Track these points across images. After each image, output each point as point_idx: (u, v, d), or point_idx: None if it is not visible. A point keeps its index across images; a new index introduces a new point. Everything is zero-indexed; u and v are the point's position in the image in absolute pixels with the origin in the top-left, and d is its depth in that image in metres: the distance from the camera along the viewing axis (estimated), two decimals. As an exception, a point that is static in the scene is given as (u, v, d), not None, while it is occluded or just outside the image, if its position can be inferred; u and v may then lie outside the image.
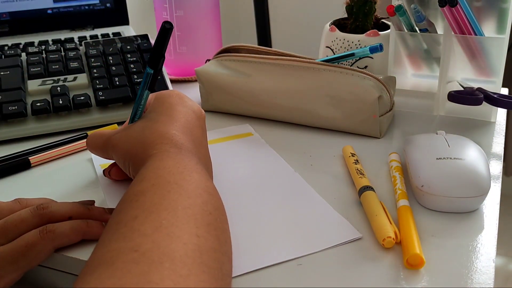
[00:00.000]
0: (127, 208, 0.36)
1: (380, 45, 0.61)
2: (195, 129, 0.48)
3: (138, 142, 0.45)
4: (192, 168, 0.40)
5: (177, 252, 0.31)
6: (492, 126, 0.63)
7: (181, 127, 0.46)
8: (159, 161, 0.41)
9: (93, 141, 0.51)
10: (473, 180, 0.47)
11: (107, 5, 0.90)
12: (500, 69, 0.62)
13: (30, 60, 0.71)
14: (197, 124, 0.49)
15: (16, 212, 0.44)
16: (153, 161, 0.41)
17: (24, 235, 0.41)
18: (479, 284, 0.39)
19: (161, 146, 0.43)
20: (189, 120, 0.48)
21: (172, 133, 0.45)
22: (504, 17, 0.60)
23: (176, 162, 0.40)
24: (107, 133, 0.50)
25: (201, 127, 0.50)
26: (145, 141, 0.44)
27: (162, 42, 0.45)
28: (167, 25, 0.44)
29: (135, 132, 0.46)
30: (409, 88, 0.68)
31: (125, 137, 0.47)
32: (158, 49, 0.45)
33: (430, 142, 0.52)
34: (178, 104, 0.49)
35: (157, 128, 0.45)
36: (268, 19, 1.56)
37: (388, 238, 0.42)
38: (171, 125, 0.46)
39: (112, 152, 0.48)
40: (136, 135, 0.46)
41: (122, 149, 0.46)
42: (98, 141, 0.50)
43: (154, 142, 0.44)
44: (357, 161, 0.53)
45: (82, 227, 0.43)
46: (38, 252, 0.41)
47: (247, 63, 0.65)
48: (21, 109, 0.64)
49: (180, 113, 0.48)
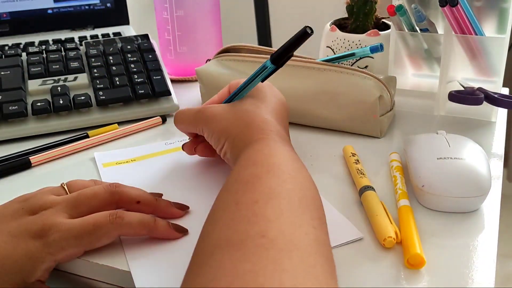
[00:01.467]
0: (244, 190, 0.36)
1: (380, 45, 0.61)
2: (285, 119, 0.51)
3: (242, 122, 0.46)
4: (297, 159, 0.42)
5: (301, 241, 0.32)
6: (493, 126, 0.63)
7: (278, 117, 0.48)
8: (267, 147, 0.42)
9: (183, 114, 0.52)
10: (474, 180, 0.46)
11: (108, 5, 0.90)
12: (500, 69, 0.62)
13: (30, 60, 0.71)
14: (286, 115, 0.51)
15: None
16: (262, 146, 0.42)
17: (94, 214, 0.42)
18: (479, 284, 0.39)
19: (268, 133, 0.44)
20: (282, 111, 0.50)
21: (273, 121, 0.47)
22: (505, 17, 0.60)
23: (285, 151, 0.42)
24: (196, 107, 0.51)
25: (288, 119, 0.52)
26: (250, 123, 0.45)
27: (296, 44, 0.45)
28: (309, 30, 0.44)
29: (239, 111, 0.47)
30: (409, 88, 0.68)
31: (226, 113, 0.47)
32: (289, 48, 0.45)
33: (430, 142, 0.52)
34: (272, 95, 0.51)
35: (260, 114, 0.47)
36: (268, 19, 1.56)
37: (389, 238, 0.42)
38: (271, 114, 0.48)
39: (204, 124, 0.49)
40: (241, 114, 0.47)
41: (219, 124, 0.47)
42: (189, 113, 0.51)
43: (259, 127, 0.45)
44: (357, 161, 0.53)
45: (150, 223, 0.43)
46: (103, 234, 0.41)
47: (247, 63, 0.65)
48: (21, 109, 0.64)
49: (275, 103, 0.50)
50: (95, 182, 0.48)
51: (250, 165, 0.40)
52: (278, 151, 0.42)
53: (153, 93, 0.68)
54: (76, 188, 0.46)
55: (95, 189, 0.44)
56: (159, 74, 0.70)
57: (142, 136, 0.64)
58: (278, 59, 0.46)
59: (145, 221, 0.43)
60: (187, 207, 0.48)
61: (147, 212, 0.45)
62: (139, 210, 0.45)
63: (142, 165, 0.57)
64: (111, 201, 0.44)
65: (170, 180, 0.54)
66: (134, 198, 0.45)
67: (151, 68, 0.71)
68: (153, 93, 0.68)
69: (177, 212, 0.47)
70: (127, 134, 0.64)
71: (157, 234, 0.43)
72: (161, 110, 0.68)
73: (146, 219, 0.43)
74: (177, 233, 0.44)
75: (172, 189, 0.52)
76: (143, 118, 0.67)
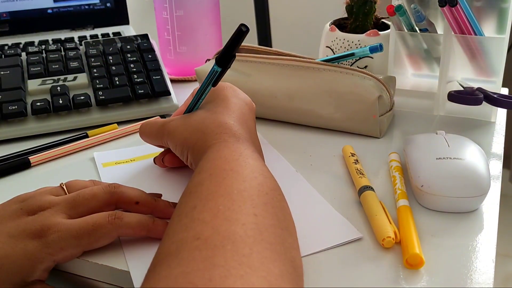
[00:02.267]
0: (187, 199, 0.37)
1: (380, 45, 0.61)
2: (249, 120, 0.50)
3: (198, 131, 0.47)
4: (248, 155, 0.42)
5: (237, 233, 0.32)
6: (492, 126, 0.63)
7: (237, 118, 0.48)
8: (216, 151, 0.42)
9: (147, 128, 0.53)
10: (473, 180, 0.46)
11: (107, 5, 0.90)
12: (500, 69, 0.62)
13: (30, 59, 0.71)
14: (250, 116, 0.51)
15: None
16: (211, 152, 0.43)
17: (93, 215, 0.42)
18: (479, 284, 0.39)
19: (220, 136, 0.45)
20: (244, 112, 0.50)
21: (230, 123, 0.47)
22: (504, 17, 0.60)
23: (232, 150, 0.42)
24: (161, 120, 0.51)
25: (253, 119, 0.52)
26: (205, 130, 0.46)
27: (235, 43, 0.45)
28: (244, 28, 0.44)
29: (194, 121, 0.48)
30: (409, 88, 0.68)
31: (185, 125, 0.48)
32: (230, 49, 0.46)
33: (430, 142, 0.52)
34: (232, 96, 0.51)
35: (216, 118, 0.47)
36: (268, 19, 1.56)
37: (388, 238, 0.42)
38: (229, 116, 0.48)
39: (168, 138, 0.49)
40: (196, 124, 0.47)
41: (180, 136, 0.48)
42: (152, 128, 0.52)
43: (213, 132, 0.46)
44: (356, 161, 0.53)
45: (148, 223, 0.43)
46: (102, 235, 0.42)
47: (247, 62, 0.65)
48: (21, 108, 0.64)
49: (235, 104, 0.50)
50: (94, 182, 0.48)
51: (196, 174, 0.40)
52: (225, 152, 0.42)
53: (153, 93, 0.68)
54: (75, 189, 0.46)
55: (94, 190, 0.44)
56: (158, 74, 0.70)
57: (141, 136, 0.64)
58: (223, 61, 0.47)
59: (144, 221, 0.43)
60: None
61: (146, 213, 0.45)
62: (138, 210, 0.45)
63: (141, 165, 0.57)
64: (110, 201, 0.44)
65: (169, 180, 0.54)
66: (133, 199, 0.45)
67: (150, 68, 0.71)
68: (152, 93, 0.68)
69: None
70: (126, 134, 0.64)
71: (156, 234, 0.43)
72: (160, 110, 0.68)
73: (145, 219, 0.43)
74: None
75: (171, 189, 0.52)
76: (142, 118, 0.67)
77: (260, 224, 0.34)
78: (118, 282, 0.43)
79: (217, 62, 0.47)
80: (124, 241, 0.44)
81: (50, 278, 0.41)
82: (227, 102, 0.50)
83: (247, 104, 0.52)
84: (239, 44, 0.46)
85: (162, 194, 0.49)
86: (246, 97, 0.53)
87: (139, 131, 0.54)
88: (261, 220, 0.34)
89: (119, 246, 0.43)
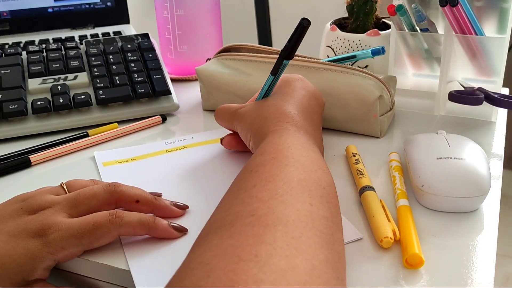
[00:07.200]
0: (248, 177, 0.39)
1: (382, 48, 0.61)
2: (314, 113, 0.52)
3: (262, 117, 0.49)
4: (309, 147, 0.44)
5: (290, 217, 0.34)
6: (493, 126, 0.63)
7: (302, 109, 0.50)
8: (279, 137, 0.45)
9: (221, 112, 0.56)
10: (473, 180, 0.46)
11: (108, 4, 0.90)
12: (500, 69, 0.62)
13: (30, 58, 0.71)
14: (317, 109, 0.53)
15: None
16: (274, 137, 0.45)
17: (94, 214, 0.42)
18: (479, 284, 0.39)
19: (282, 124, 0.47)
20: (311, 104, 0.52)
21: (293, 113, 0.49)
22: (505, 17, 0.60)
23: (295, 139, 0.44)
24: (234, 106, 0.55)
25: (319, 113, 0.54)
26: (268, 117, 0.49)
27: (298, 37, 0.47)
28: (305, 22, 0.46)
29: (261, 108, 0.51)
30: (409, 88, 0.68)
31: (251, 112, 0.51)
32: (294, 42, 0.48)
33: (430, 142, 0.52)
34: (302, 88, 0.53)
35: (281, 107, 0.50)
36: (268, 18, 1.56)
37: (386, 239, 0.42)
38: (294, 106, 0.50)
39: (237, 123, 0.53)
40: (261, 110, 0.50)
41: (246, 122, 0.51)
42: (226, 113, 0.55)
43: (276, 119, 0.48)
44: (357, 161, 0.53)
45: (149, 223, 0.43)
46: (103, 234, 0.42)
47: (247, 62, 0.65)
48: (21, 107, 0.64)
49: (303, 96, 0.52)
50: (94, 181, 0.48)
51: (258, 155, 0.42)
52: (288, 139, 0.44)
53: (153, 92, 0.68)
54: (75, 188, 0.46)
55: (94, 189, 0.44)
56: (159, 73, 0.70)
57: (142, 135, 0.64)
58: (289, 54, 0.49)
59: (145, 220, 0.43)
60: (186, 206, 0.48)
61: (146, 212, 0.45)
62: (138, 209, 0.45)
63: (142, 164, 0.57)
64: (111, 200, 0.44)
65: (170, 179, 0.54)
66: (133, 198, 0.45)
67: (151, 67, 0.71)
68: (153, 92, 0.68)
69: (177, 211, 0.47)
70: (127, 133, 0.64)
71: (156, 233, 0.44)
72: (161, 109, 0.68)
73: (145, 218, 0.43)
74: (176, 232, 0.44)
75: (171, 188, 0.52)
76: (143, 117, 0.67)
77: (314, 214, 0.35)
78: (119, 281, 0.43)
79: (283, 56, 0.49)
80: (125, 240, 0.44)
81: (50, 277, 0.41)
82: (295, 93, 0.52)
83: (316, 97, 0.54)
84: (302, 38, 0.48)
85: (162, 193, 0.50)
86: (317, 91, 0.55)
87: (215, 114, 0.57)
88: (315, 211, 0.36)
89: (120, 245, 0.43)
